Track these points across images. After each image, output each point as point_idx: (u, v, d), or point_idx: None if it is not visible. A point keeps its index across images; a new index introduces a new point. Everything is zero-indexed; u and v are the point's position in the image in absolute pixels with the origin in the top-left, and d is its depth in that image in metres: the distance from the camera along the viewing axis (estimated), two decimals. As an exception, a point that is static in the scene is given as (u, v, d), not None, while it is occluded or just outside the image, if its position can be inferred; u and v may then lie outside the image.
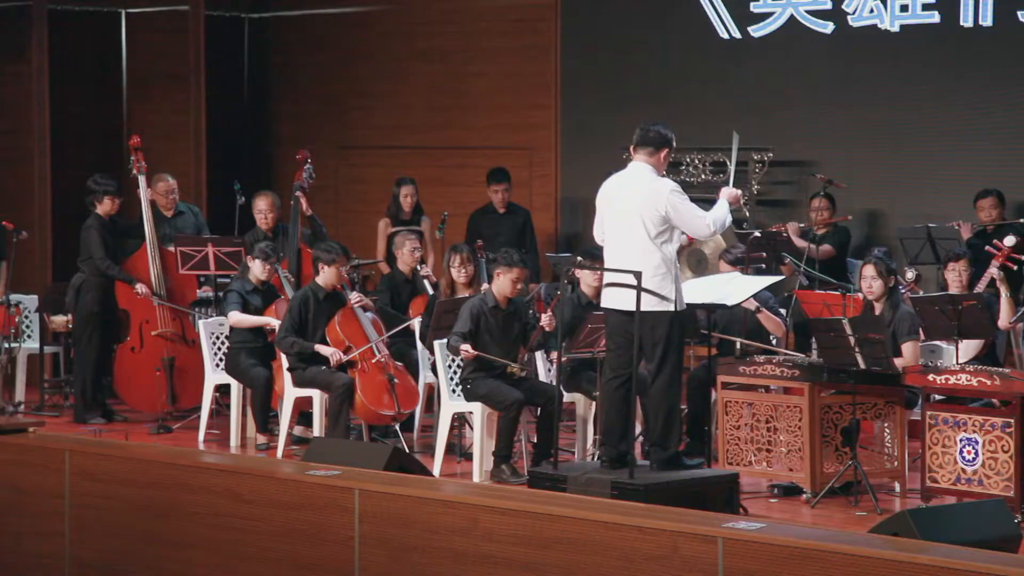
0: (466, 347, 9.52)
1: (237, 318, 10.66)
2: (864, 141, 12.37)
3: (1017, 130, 11.77)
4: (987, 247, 10.28)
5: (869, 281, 9.44)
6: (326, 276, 10.33)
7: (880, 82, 12.34)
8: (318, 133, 14.60)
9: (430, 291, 11.14)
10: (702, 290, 9.20)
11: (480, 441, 9.64)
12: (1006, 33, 11.71)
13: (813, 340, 9.69)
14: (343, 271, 10.45)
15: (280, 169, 14.66)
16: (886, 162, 12.28)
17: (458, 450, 10.30)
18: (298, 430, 10.72)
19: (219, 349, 11.00)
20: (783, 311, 10.36)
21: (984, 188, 11.38)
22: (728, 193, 8.46)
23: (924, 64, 12.14)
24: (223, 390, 11.12)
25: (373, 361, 10.15)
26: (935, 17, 12.00)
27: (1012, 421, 8.35)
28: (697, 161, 12.70)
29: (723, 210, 8.27)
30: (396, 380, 10.17)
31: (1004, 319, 9.82)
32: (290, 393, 10.33)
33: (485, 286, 10.11)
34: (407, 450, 9.81)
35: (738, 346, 9.87)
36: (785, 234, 11.66)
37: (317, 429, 10.21)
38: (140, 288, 11.39)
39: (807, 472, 8.97)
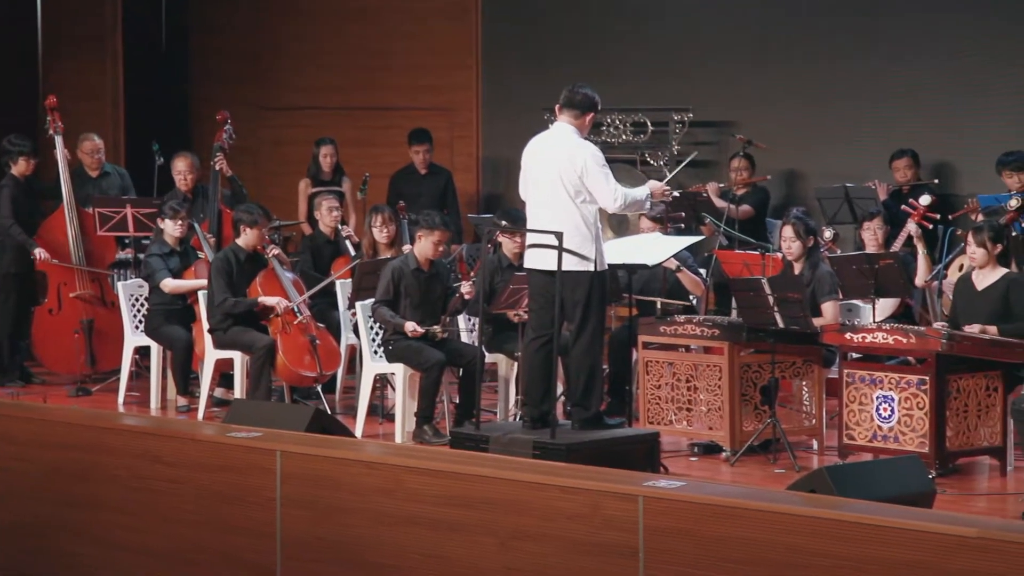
0: (412, 325, 9.52)
1: (173, 285, 10.58)
2: (783, 101, 12.45)
3: (933, 89, 11.89)
4: (903, 206, 10.40)
5: (788, 242, 9.52)
6: (247, 238, 10.28)
7: (798, 42, 12.42)
8: (238, 94, 14.49)
9: (351, 252, 11.11)
10: (623, 250, 9.24)
11: (402, 402, 9.65)
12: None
13: (733, 300, 9.76)
14: (264, 232, 10.39)
15: (199, 130, 14.54)
16: (804, 122, 12.37)
17: (380, 411, 10.30)
18: (219, 392, 10.67)
19: (138, 311, 10.92)
20: (703, 271, 10.43)
21: (899, 148, 11.51)
22: (655, 184, 8.51)
23: (841, 23, 12.23)
24: (143, 352, 11.05)
25: (295, 322, 10.12)
26: (852, -26, 12.10)
27: (927, 378, 8.46)
28: (618, 122, 12.73)
29: (640, 193, 8.29)
30: (318, 341, 10.14)
31: (920, 277, 9.95)
32: (211, 355, 10.28)
33: (407, 247, 10.09)
34: (329, 411, 9.79)
35: (659, 306, 9.93)
36: (705, 194, 11.74)
37: (238, 391, 10.18)
38: (40, 253, 11.26)
39: (727, 430, 9.05)
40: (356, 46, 14.27)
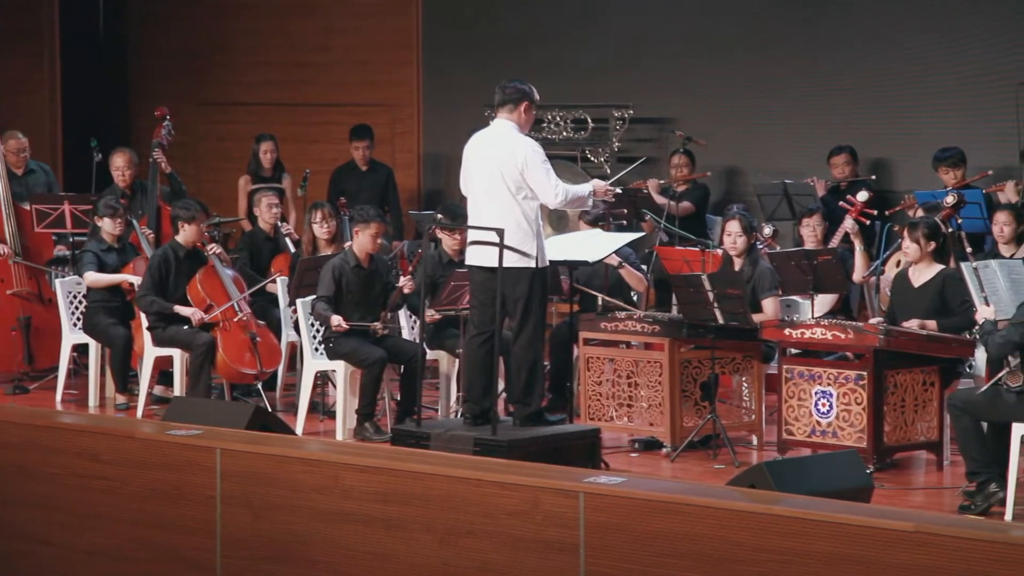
0: (338, 319, 9.49)
1: (93, 278, 10.51)
2: (722, 98, 12.51)
3: (870, 86, 11.98)
4: (841, 202, 10.48)
5: (734, 237, 9.55)
6: (186, 234, 10.22)
7: (738, 39, 12.48)
8: (178, 89, 14.41)
9: (291, 249, 11.07)
10: (564, 247, 9.25)
11: (343, 399, 9.63)
12: (859, -10, 11.92)
13: (673, 296, 9.80)
14: (203, 229, 10.34)
15: (138, 126, 14.44)
16: (744, 119, 12.43)
17: (321, 408, 10.28)
18: (158, 390, 10.61)
19: (76, 308, 10.84)
20: (644, 267, 10.46)
21: (837, 145, 11.59)
22: (599, 183, 8.52)
23: (780, 20, 12.30)
24: (81, 350, 10.96)
25: (235, 319, 10.07)
26: (789, -25, 12.18)
27: (865, 374, 8.52)
28: (559, 118, 12.75)
29: (582, 190, 8.30)
30: (258, 338, 10.10)
31: (858, 273, 10.02)
32: (150, 352, 10.22)
33: (348, 244, 10.07)
34: (269, 409, 9.74)
35: (600, 302, 9.96)
36: (645, 191, 11.78)
37: (178, 388, 10.12)
38: None
39: (667, 426, 9.09)
40: (297, 42, 14.22)
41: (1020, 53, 11.35)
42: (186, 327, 10.01)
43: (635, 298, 10.28)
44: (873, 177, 11.42)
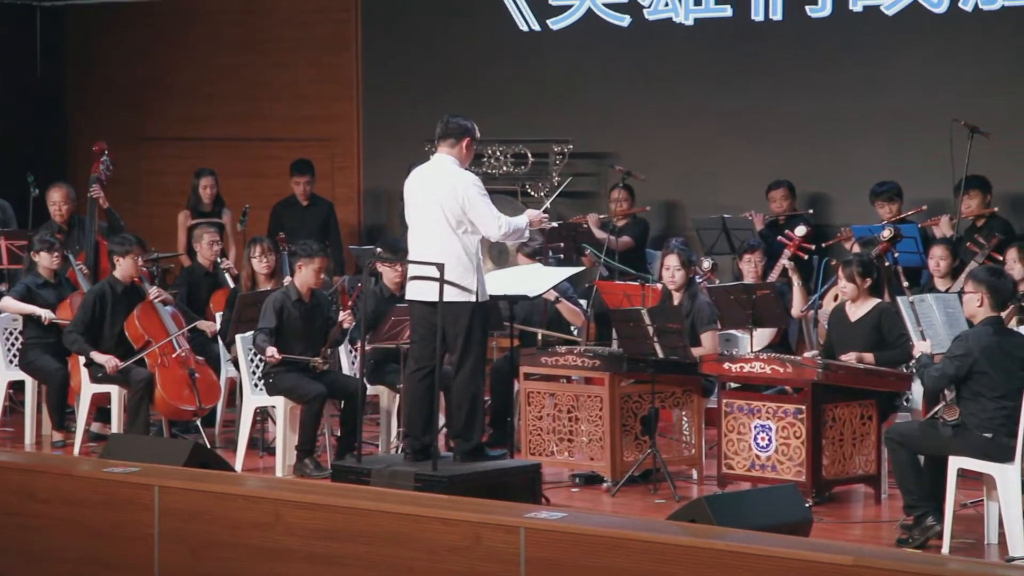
0: (272, 351, 9.46)
1: (5, 303, 10.45)
2: (662, 133, 12.59)
3: (807, 122, 12.10)
4: (779, 237, 10.55)
5: (673, 271, 9.59)
6: (123, 268, 10.16)
7: (676, 74, 12.57)
8: (117, 124, 14.34)
9: (231, 284, 11.03)
10: (504, 281, 9.26)
11: (283, 435, 9.59)
12: (796, 28, 12.03)
13: (613, 330, 9.82)
14: (141, 264, 10.29)
15: (76, 161, 14.36)
16: (683, 154, 12.51)
17: (261, 444, 10.22)
18: (96, 427, 10.52)
19: (13, 345, 10.74)
20: (583, 301, 10.49)
21: (776, 179, 11.68)
22: (532, 213, 8.56)
23: (718, 57, 12.41)
24: (17, 387, 10.85)
25: (173, 355, 10.01)
26: (727, 11, 12.28)
27: (804, 408, 8.56)
28: (499, 153, 12.79)
29: (521, 222, 8.35)
30: (197, 374, 10.04)
31: (796, 307, 10.09)
32: (87, 389, 10.14)
33: (287, 279, 10.04)
34: (208, 445, 9.69)
35: (540, 337, 9.97)
36: (585, 225, 11.82)
37: (116, 425, 10.04)
38: None
39: (607, 461, 9.10)
40: (237, 77, 14.20)
41: (953, 89, 11.50)
42: (123, 363, 9.93)
43: (574, 332, 10.30)
44: (811, 211, 11.51)
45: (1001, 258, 9.69)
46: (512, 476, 8.29)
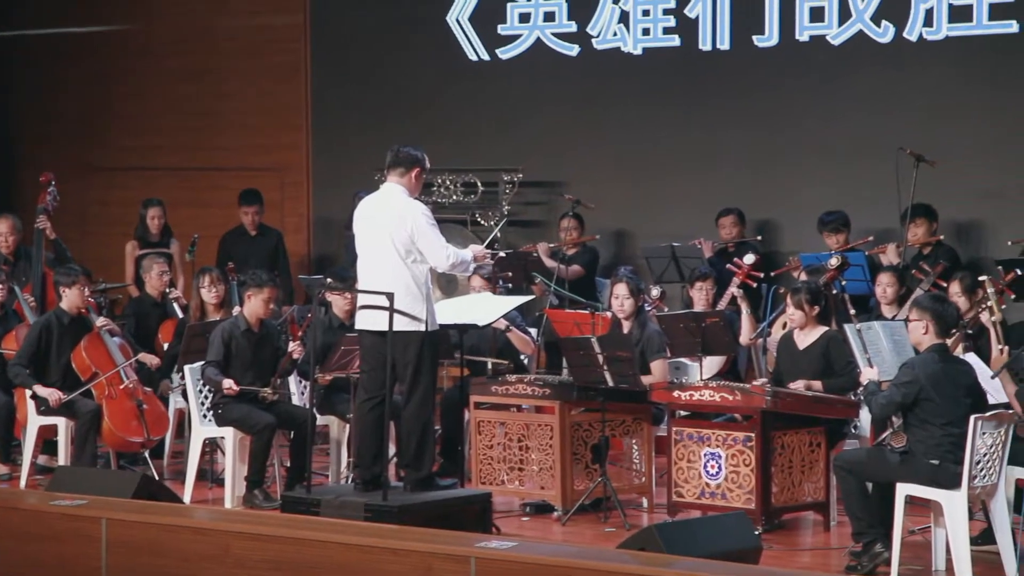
0: (229, 382, 9.42)
1: None
2: (611, 161, 12.64)
3: (756, 150, 12.17)
4: (728, 266, 10.60)
5: (622, 300, 9.62)
6: (69, 299, 10.10)
7: (625, 104, 12.63)
8: (64, 154, 14.27)
9: (180, 314, 10.98)
10: (453, 310, 9.27)
11: (232, 466, 9.54)
12: (743, 57, 12.11)
13: (563, 359, 9.83)
14: (87, 294, 10.23)
15: (23, 191, 14.27)
16: (632, 182, 12.56)
17: (210, 476, 10.16)
18: (42, 459, 10.43)
19: (-42, 377, 10.65)
20: (533, 330, 10.50)
21: (725, 207, 11.74)
22: (476, 248, 8.60)
23: (667, 86, 12.48)
24: (-37, 419, 10.75)
25: (121, 387, 9.95)
26: (675, 41, 12.35)
27: (753, 435, 8.59)
28: (449, 182, 12.80)
29: (467, 255, 8.38)
30: (145, 405, 9.98)
31: (745, 335, 10.13)
32: (33, 421, 10.06)
33: (237, 309, 10.00)
34: (156, 477, 9.63)
35: (489, 366, 9.97)
36: (535, 254, 11.83)
37: (62, 458, 9.96)
38: None
39: (558, 490, 9.09)
40: (185, 106, 14.16)
41: (899, 117, 11.60)
42: (70, 395, 9.86)
43: (524, 361, 10.31)
44: (759, 238, 11.58)
45: (946, 285, 9.77)
46: (462, 506, 8.27)
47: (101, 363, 10.00)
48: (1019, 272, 9.51)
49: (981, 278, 9.00)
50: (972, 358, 8.39)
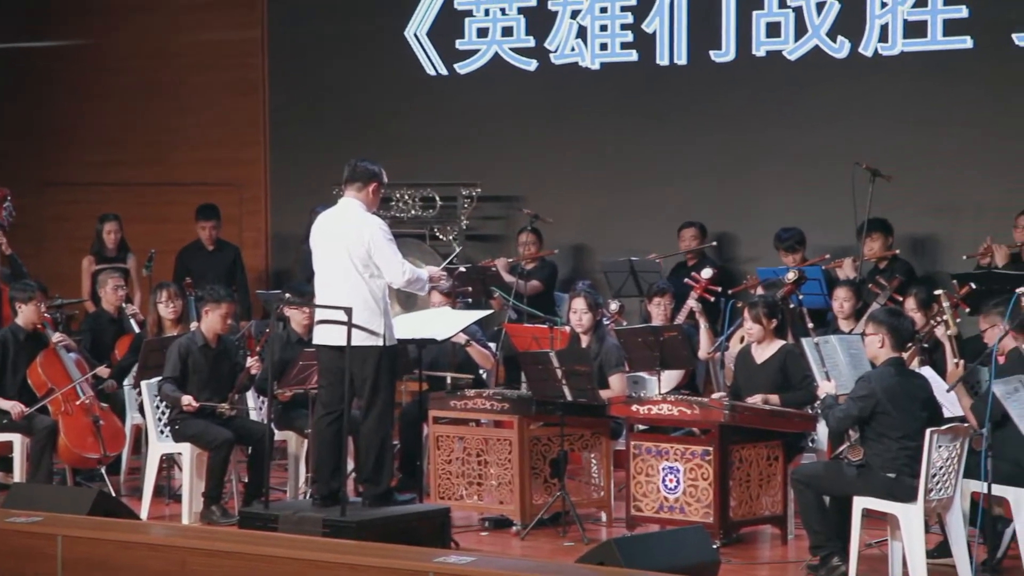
0: (188, 399, 9.39)
1: None
2: (569, 176, 12.67)
3: (714, 165, 12.22)
4: (686, 280, 10.64)
5: (580, 314, 9.64)
6: (25, 315, 10.05)
7: (583, 118, 12.66)
8: (19, 169, 14.18)
9: (136, 330, 10.94)
10: (412, 325, 9.27)
11: (189, 482, 9.50)
12: (701, 72, 12.16)
13: (522, 373, 9.84)
14: (43, 310, 10.17)
15: (-23, 207, 14.17)
16: (590, 196, 12.59)
17: (167, 492, 10.11)
18: (-2, 476, 10.38)
19: (-87, 393, 10.55)
20: (492, 344, 10.50)
21: (688, 220, 11.76)
22: (433, 270, 8.61)
23: (625, 101, 12.51)
24: (-82, 436, 10.67)
25: (77, 403, 9.90)
26: (633, 56, 12.39)
27: (711, 449, 8.61)
28: (407, 197, 12.80)
29: (423, 273, 8.37)
30: (101, 421, 9.93)
31: (703, 350, 10.16)
32: (-11, 438, 10.00)
33: (194, 325, 9.97)
34: (113, 493, 9.59)
35: (449, 380, 9.97)
36: (494, 268, 11.84)
37: (18, 474, 9.89)
38: None
39: (517, 504, 9.09)
40: (142, 122, 14.11)
41: (855, 132, 11.67)
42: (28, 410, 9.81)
43: (483, 375, 10.31)
44: (715, 243, 11.57)
45: (902, 299, 9.83)
46: (421, 521, 8.26)
47: (57, 379, 9.95)
48: (974, 286, 9.58)
49: (936, 292, 9.06)
50: (928, 371, 8.45)
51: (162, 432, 9.68)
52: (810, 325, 9.28)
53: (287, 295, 10.05)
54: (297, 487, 9.82)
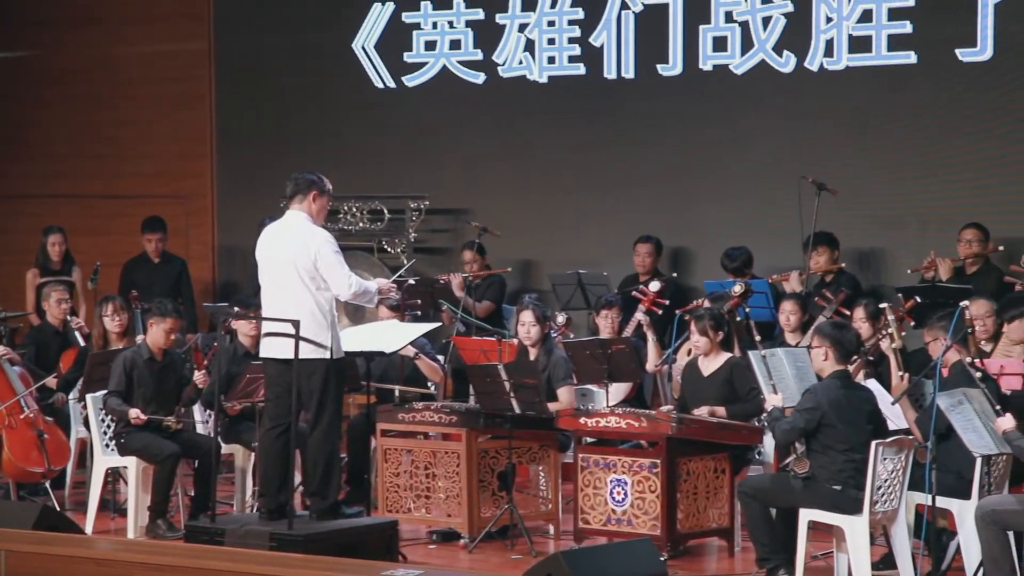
0: (135, 412, 9.33)
1: None
2: (517, 189, 12.69)
3: (661, 178, 12.26)
4: (633, 292, 10.67)
5: (528, 327, 9.65)
6: (-30, 329, 9.97)
7: (531, 131, 12.69)
8: (-38, 181, 14.10)
9: (81, 343, 10.87)
10: (360, 337, 9.25)
11: (135, 496, 9.44)
12: (648, 86, 12.21)
13: (471, 386, 9.84)
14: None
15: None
16: (539, 210, 12.61)
17: (112, 506, 10.05)
18: (-59, 490, 10.28)
19: None
20: (441, 357, 10.50)
21: (644, 234, 11.77)
22: (382, 282, 8.61)
23: (572, 114, 12.55)
24: None
25: (21, 416, 9.82)
26: (581, 69, 12.42)
27: (659, 462, 8.64)
28: (355, 209, 12.78)
29: (371, 286, 8.36)
30: (46, 435, 9.86)
31: (651, 362, 10.19)
32: (-68, 452, 9.90)
33: (140, 338, 9.92)
34: (57, 508, 9.51)
35: (397, 393, 9.96)
36: (442, 281, 11.81)
37: (-38, 489, 9.82)
38: None
39: (465, 517, 9.09)
40: (88, 134, 14.04)
41: (800, 146, 11.74)
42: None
43: (432, 388, 10.30)
44: (675, 275, 11.55)
45: (849, 313, 9.89)
46: (369, 534, 8.24)
47: (0, 393, 9.86)
48: (919, 300, 9.65)
49: (881, 306, 9.12)
50: (873, 384, 8.51)
51: (107, 446, 9.62)
52: (758, 338, 9.31)
53: (236, 308, 10.01)
54: (244, 501, 9.77)
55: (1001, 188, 11.14)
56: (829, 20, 11.61)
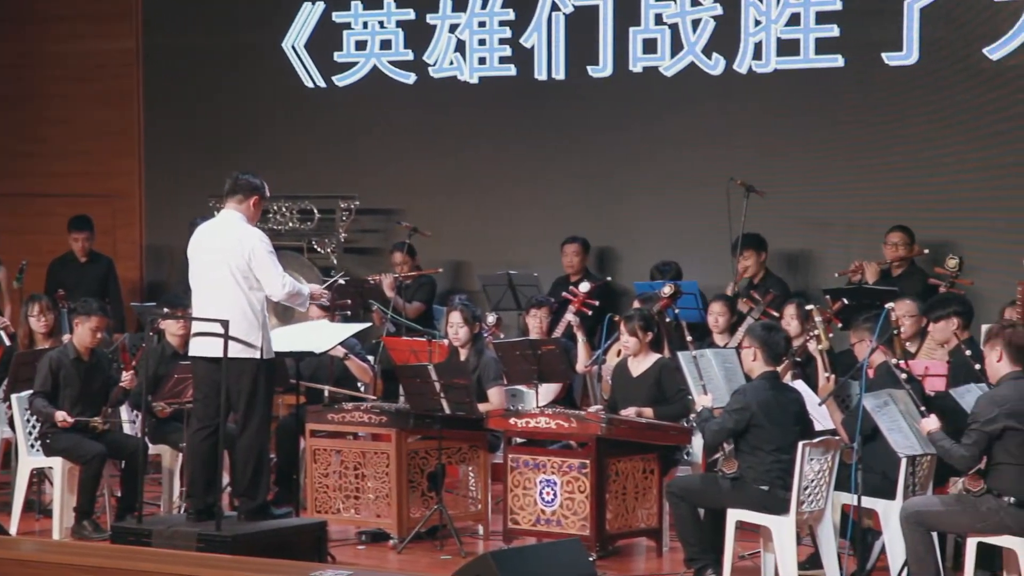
0: (62, 415, 9.25)
1: None
2: (448, 190, 12.68)
3: (592, 179, 12.29)
4: (564, 293, 10.69)
5: (456, 328, 9.66)
6: None
7: (462, 132, 12.69)
8: None
9: (7, 343, 10.76)
10: (290, 337, 9.22)
11: (60, 497, 9.36)
12: (578, 87, 12.24)
13: (400, 386, 9.83)
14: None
15: None
16: (470, 210, 12.61)
17: (37, 507, 9.96)
18: None
19: None
20: (371, 358, 10.48)
21: (571, 235, 11.79)
22: (315, 288, 8.61)
23: (503, 115, 12.56)
24: None
25: (-55, 417, 9.72)
26: (512, 70, 12.44)
27: (588, 462, 8.67)
28: (285, 209, 12.74)
29: (304, 289, 8.34)
30: (-30, 436, 9.76)
31: (581, 363, 10.22)
32: None
33: (66, 338, 9.83)
34: (-18, 509, 9.42)
35: (326, 394, 9.93)
36: (372, 282, 11.78)
37: None
38: None
39: (394, 517, 9.08)
40: (12, 132, 13.89)
41: (729, 148, 11.80)
42: None
43: (361, 389, 10.28)
44: (608, 279, 11.57)
45: (777, 314, 9.96)
46: (297, 535, 8.22)
47: (-76, 392, 9.76)
48: (846, 301, 9.73)
49: (809, 307, 9.19)
50: (800, 385, 8.58)
51: (32, 446, 9.53)
52: (689, 339, 9.37)
53: (166, 309, 9.95)
54: (171, 501, 9.72)
55: (927, 191, 11.25)
56: (758, 23, 11.69)
